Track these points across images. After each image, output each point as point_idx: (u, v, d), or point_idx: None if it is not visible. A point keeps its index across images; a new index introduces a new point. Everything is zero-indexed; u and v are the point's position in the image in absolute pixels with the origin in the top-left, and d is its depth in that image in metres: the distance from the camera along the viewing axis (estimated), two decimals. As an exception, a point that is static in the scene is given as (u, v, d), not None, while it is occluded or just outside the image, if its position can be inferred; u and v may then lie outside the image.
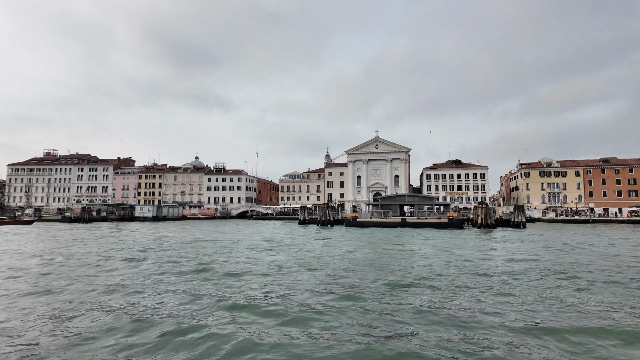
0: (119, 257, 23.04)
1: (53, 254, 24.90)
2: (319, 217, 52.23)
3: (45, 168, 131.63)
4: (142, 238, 37.63)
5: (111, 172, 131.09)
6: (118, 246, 29.84)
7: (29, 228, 54.44)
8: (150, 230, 52.56)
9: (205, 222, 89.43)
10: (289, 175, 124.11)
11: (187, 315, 10.64)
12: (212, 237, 38.58)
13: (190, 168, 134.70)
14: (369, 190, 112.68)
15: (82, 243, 32.27)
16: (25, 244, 32.09)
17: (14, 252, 26.20)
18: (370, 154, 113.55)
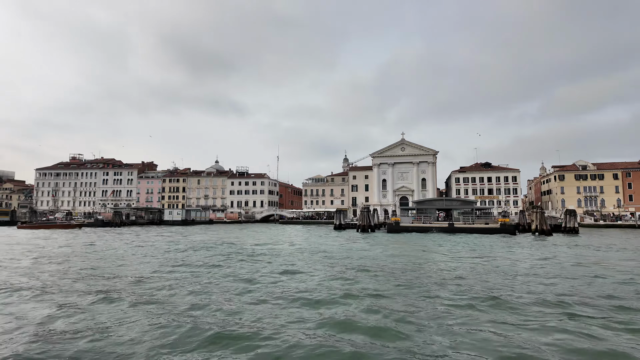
0: (236, 260, 21.78)
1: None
2: (359, 221, 50.39)
3: (72, 172, 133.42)
4: (210, 240, 36.56)
5: (135, 177, 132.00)
6: (220, 252, 28.69)
7: (78, 231, 55.17)
8: (199, 234, 51.74)
9: (232, 226, 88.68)
10: (312, 179, 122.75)
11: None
12: (264, 241, 37.22)
13: (214, 172, 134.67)
14: (394, 194, 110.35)
15: (191, 248, 31.29)
16: (134, 247, 31.30)
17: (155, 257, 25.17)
18: (395, 157, 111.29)
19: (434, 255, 26.63)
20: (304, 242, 37.48)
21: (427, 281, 16.59)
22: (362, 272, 18.87)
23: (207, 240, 40.19)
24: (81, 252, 28.48)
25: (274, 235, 47.74)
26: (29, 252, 28.65)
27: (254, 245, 33.82)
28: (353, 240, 39.31)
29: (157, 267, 21.17)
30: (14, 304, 12.88)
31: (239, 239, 42.75)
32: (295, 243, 35.37)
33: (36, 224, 64.90)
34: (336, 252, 28.53)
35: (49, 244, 35.89)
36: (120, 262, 23.14)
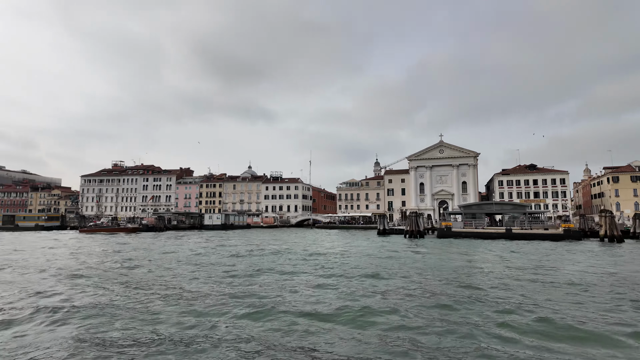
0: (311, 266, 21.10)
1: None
2: (408, 227, 48.40)
3: (114, 179, 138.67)
4: (264, 244, 36.21)
5: (174, 182, 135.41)
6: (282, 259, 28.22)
7: (135, 235, 57.80)
8: (248, 238, 51.77)
9: (270, 230, 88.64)
10: (346, 183, 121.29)
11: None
12: (320, 247, 36.32)
13: (248, 177, 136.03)
14: (433, 198, 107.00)
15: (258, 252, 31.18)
16: (213, 251, 31.57)
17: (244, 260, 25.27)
18: (434, 159, 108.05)
19: (519, 264, 24.57)
20: (358, 248, 36.17)
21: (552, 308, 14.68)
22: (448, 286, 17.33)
23: (263, 245, 39.76)
24: (186, 258, 28.46)
25: (320, 241, 46.72)
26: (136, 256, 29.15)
27: (316, 251, 32.86)
28: (409, 246, 37.48)
29: (252, 269, 20.60)
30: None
31: (295, 243, 42.02)
32: (349, 250, 34.11)
33: (96, 229, 68.40)
34: (405, 258, 27.13)
35: (141, 247, 36.50)
36: (223, 266, 22.80)
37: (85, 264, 24.77)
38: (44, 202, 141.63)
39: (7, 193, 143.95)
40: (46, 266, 23.49)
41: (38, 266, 23.53)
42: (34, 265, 24.21)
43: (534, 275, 19.64)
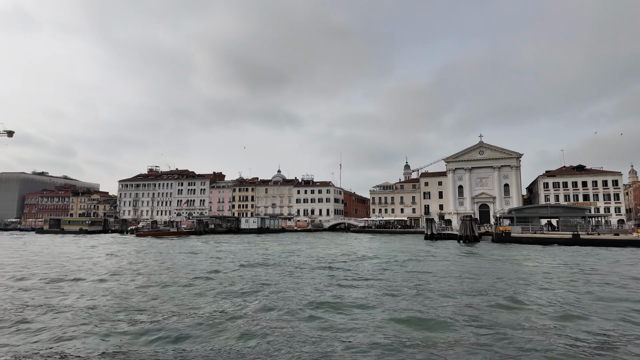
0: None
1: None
2: (461, 231, 45.74)
3: (150, 183, 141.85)
4: (311, 248, 34.96)
5: (208, 186, 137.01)
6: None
7: (187, 239, 58.84)
8: (288, 242, 50.78)
9: (306, 234, 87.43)
10: (380, 186, 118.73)
11: None
12: (370, 252, 34.55)
13: (280, 181, 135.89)
14: (473, 201, 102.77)
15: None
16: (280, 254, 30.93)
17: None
18: (473, 161, 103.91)
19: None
20: (413, 255, 34.08)
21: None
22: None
23: (320, 251, 38.42)
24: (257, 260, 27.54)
25: (367, 246, 44.88)
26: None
27: (388, 259, 31.07)
28: (471, 253, 35.00)
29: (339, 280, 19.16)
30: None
31: (350, 249, 40.38)
32: (406, 257, 32.07)
33: (151, 232, 69.84)
34: (475, 267, 24.91)
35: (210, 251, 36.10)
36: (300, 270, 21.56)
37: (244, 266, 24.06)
38: (84, 207, 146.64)
39: (51, 198, 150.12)
40: (199, 272, 22.82)
41: (196, 272, 22.92)
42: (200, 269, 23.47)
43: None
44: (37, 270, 23.80)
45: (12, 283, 19.12)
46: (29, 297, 15.49)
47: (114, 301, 14.65)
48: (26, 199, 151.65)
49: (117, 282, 19.29)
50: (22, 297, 15.65)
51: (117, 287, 17.81)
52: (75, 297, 15.43)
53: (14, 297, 15.55)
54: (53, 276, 21.27)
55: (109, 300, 14.81)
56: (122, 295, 15.94)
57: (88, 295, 15.99)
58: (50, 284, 18.89)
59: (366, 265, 25.52)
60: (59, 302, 14.61)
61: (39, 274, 22.33)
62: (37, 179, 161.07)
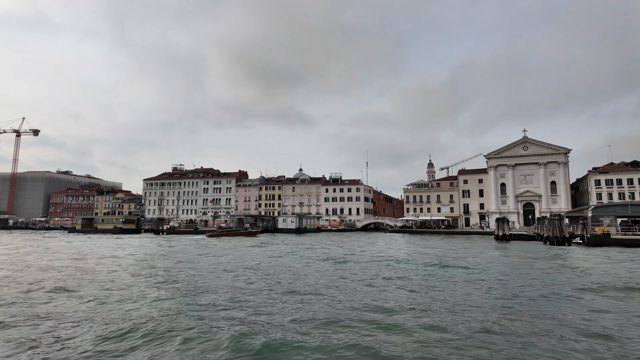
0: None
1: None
2: (548, 232, 40.83)
3: (175, 182, 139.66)
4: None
5: (234, 185, 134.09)
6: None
7: (256, 239, 57.94)
8: (345, 243, 46.87)
9: (340, 234, 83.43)
10: (414, 184, 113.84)
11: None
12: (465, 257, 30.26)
13: (307, 179, 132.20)
14: (517, 199, 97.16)
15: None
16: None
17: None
18: (516, 157, 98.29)
19: None
20: (528, 266, 29.55)
21: None
22: None
23: (397, 253, 34.33)
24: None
25: (437, 251, 40.50)
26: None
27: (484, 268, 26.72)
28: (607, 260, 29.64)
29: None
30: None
31: (439, 253, 36.10)
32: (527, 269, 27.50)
33: (223, 232, 67.44)
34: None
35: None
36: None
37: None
38: (109, 206, 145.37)
39: (75, 197, 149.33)
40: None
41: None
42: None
43: None
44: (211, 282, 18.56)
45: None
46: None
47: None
48: (51, 198, 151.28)
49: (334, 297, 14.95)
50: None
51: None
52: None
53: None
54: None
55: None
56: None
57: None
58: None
59: (491, 279, 21.18)
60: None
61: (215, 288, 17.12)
62: (62, 177, 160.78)
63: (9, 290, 16.65)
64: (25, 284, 17.98)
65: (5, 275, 20.92)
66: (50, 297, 15.13)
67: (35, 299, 14.65)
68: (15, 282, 18.80)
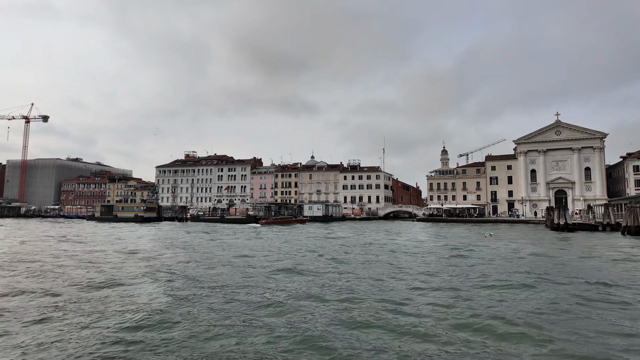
0: None
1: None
2: (627, 221, 37.05)
3: (188, 169, 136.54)
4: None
5: (249, 172, 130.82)
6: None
7: (304, 226, 56.82)
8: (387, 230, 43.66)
9: (366, 222, 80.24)
10: (438, 171, 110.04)
11: None
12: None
13: (325, 166, 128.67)
14: (548, 187, 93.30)
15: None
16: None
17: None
18: (548, 142, 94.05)
19: None
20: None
21: None
22: None
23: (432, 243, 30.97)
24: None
25: (488, 241, 37.15)
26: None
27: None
28: None
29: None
30: None
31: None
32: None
33: (277, 220, 65.16)
34: None
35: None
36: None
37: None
38: (121, 193, 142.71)
39: (87, 184, 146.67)
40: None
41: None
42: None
43: None
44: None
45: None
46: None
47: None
48: (63, 186, 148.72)
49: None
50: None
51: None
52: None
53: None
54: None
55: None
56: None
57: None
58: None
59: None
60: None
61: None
62: (73, 165, 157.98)
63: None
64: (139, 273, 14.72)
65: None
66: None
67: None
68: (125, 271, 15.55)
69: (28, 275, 16.42)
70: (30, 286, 14.16)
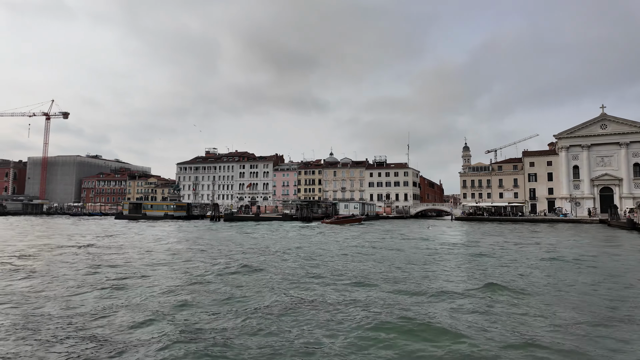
0: None
1: None
2: None
3: (210, 166, 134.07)
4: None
5: (271, 169, 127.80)
6: None
7: (360, 226, 54.34)
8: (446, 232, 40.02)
9: (403, 221, 76.43)
10: (471, 167, 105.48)
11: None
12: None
13: (350, 162, 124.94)
14: (592, 184, 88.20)
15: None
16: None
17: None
18: (593, 136, 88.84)
19: None
20: None
21: None
22: None
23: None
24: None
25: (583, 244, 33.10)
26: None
27: None
28: None
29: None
30: None
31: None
32: None
33: (339, 220, 62.11)
34: None
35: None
36: None
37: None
38: (141, 191, 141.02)
39: (107, 181, 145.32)
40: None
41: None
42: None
43: None
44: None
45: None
46: None
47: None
48: (83, 183, 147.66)
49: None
50: None
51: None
52: None
53: None
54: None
55: None
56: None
57: None
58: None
59: None
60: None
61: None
62: (93, 162, 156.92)
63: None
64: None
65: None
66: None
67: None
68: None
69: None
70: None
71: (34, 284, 14.32)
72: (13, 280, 14.91)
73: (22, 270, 17.14)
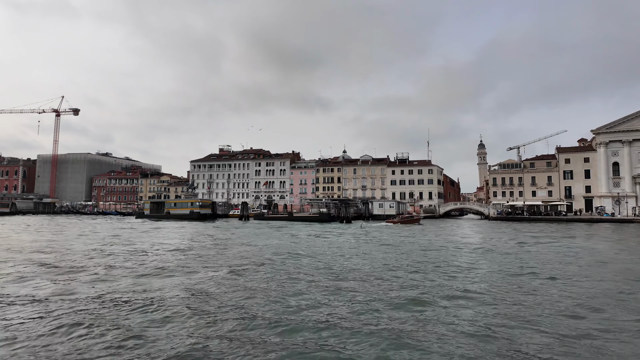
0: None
1: None
2: None
3: (224, 164, 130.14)
4: None
5: (288, 167, 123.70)
6: None
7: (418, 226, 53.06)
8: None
9: (437, 221, 72.28)
10: (501, 164, 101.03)
11: None
12: None
13: (370, 160, 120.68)
14: (634, 181, 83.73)
15: None
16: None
17: None
18: (634, 132, 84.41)
19: None
20: None
21: None
22: None
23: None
24: None
25: None
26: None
27: None
28: None
29: None
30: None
31: None
32: None
33: (404, 220, 59.16)
34: None
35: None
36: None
37: None
38: (154, 189, 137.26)
39: (119, 179, 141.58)
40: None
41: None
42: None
43: None
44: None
45: None
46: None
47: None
48: (94, 181, 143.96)
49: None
50: None
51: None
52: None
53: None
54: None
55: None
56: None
57: None
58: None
59: None
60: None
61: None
62: (103, 160, 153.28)
63: None
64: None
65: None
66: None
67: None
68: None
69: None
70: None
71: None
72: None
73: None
